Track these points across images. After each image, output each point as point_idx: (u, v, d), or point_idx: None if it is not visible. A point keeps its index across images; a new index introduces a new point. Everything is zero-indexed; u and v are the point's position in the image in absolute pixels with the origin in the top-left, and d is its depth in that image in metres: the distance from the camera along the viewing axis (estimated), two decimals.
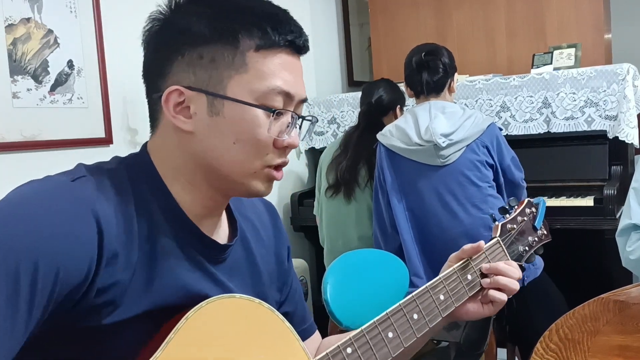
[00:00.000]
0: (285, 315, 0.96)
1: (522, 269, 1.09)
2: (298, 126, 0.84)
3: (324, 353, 0.80)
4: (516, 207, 1.16)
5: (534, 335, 2.13)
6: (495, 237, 1.09)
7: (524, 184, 2.22)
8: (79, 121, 2.30)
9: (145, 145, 0.85)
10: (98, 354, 0.74)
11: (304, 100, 0.84)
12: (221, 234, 0.88)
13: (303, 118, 0.85)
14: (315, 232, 2.84)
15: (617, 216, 2.41)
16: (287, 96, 0.80)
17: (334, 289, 1.67)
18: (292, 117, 0.82)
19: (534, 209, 1.19)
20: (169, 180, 0.81)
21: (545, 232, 1.19)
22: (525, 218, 1.16)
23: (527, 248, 1.14)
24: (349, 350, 0.82)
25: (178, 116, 0.79)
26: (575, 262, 2.73)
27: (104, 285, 0.72)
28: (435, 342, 2.35)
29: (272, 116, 0.79)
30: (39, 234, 0.67)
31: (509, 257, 1.08)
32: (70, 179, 0.75)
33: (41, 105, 2.18)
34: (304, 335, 1.02)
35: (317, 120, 0.89)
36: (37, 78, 2.16)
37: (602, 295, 1.32)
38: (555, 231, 2.43)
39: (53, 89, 2.22)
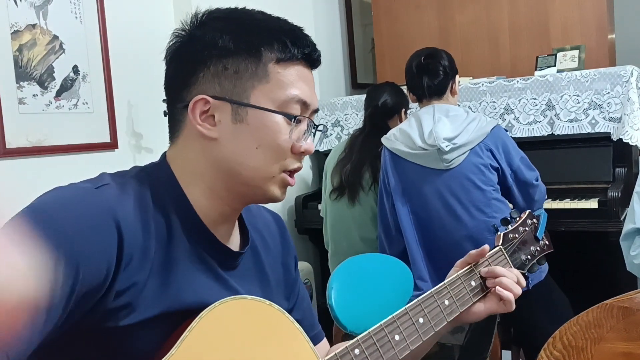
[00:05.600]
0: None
1: (526, 277, 1.13)
2: (313, 134, 0.89)
3: (332, 354, 0.83)
4: (517, 218, 1.21)
5: (539, 338, 2.13)
6: (498, 245, 1.13)
7: (539, 183, 2.20)
8: (85, 126, 2.31)
9: (164, 155, 0.89)
10: (115, 356, 0.77)
11: (317, 110, 0.90)
12: (234, 242, 0.92)
13: (316, 127, 0.90)
14: (319, 234, 2.85)
15: (622, 218, 2.41)
16: (304, 105, 0.86)
17: (338, 293, 1.68)
18: (308, 124, 0.87)
19: (535, 220, 1.23)
20: (188, 187, 0.85)
21: (547, 242, 1.24)
22: (527, 228, 1.20)
23: (529, 257, 1.18)
24: (356, 351, 0.85)
25: (203, 124, 0.83)
26: (580, 264, 2.73)
27: (122, 288, 0.75)
28: (440, 343, 2.35)
29: (293, 123, 0.84)
30: (61, 236, 0.70)
31: (511, 265, 1.12)
32: (94, 187, 0.79)
33: (47, 111, 2.20)
34: (313, 341, 1.03)
35: (327, 130, 0.92)
36: (42, 84, 2.18)
37: (605, 302, 1.32)
38: (559, 234, 2.47)
39: (59, 94, 2.23)
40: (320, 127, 0.92)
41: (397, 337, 0.90)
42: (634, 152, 2.61)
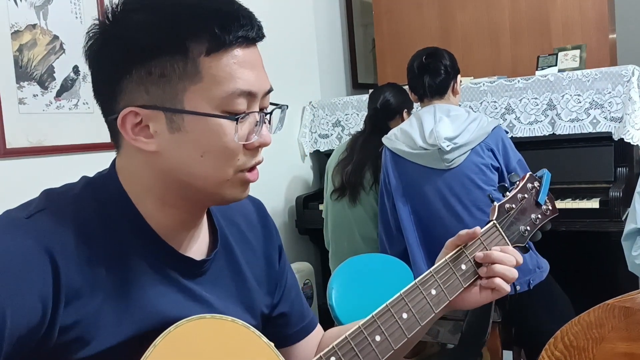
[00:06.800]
0: (282, 316, 0.97)
1: (526, 250, 1.02)
2: (267, 121, 0.79)
3: None
4: (517, 182, 1.07)
5: (540, 338, 2.12)
6: (492, 220, 1.00)
7: None
8: (85, 126, 2.31)
9: (114, 163, 0.81)
10: None
11: (270, 91, 0.79)
12: (200, 247, 0.85)
13: (271, 112, 0.80)
14: (320, 234, 2.85)
15: (623, 218, 2.41)
16: (250, 95, 0.75)
17: (338, 294, 1.68)
18: (259, 115, 0.77)
19: (536, 184, 1.08)
20: (139, 199, 0.78)
21: (550, 207, 1.09)
22: (527, 195, 1.05)
23: (529, 227, 1.04)
24: (332, 359, 0.78)
25: (138, 137, 0.75)
26: (581, 264, 2.73)
27: (67, 323, 0.69)
28: (441, 344, 2.35)
29: (237, 122, 0.74)
30: None
31: (507, 241, 1.00)
32: (25, 216, 0.72)
33: (47, 111, 2.19)
34: (305, 332, 1.00)
35: (288, 107, 0.82)
36: (43, 84, 2.18)
37: (607, 302, 1.31)
38: (560, 233, 2.46)
39: (59, 94, 2.23)
40: (279, 106, 0.81)
41: (378, 338, 0.82)
42: (636, 152, 2.61)
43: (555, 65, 2.83)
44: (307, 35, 3.45)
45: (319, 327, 1.04)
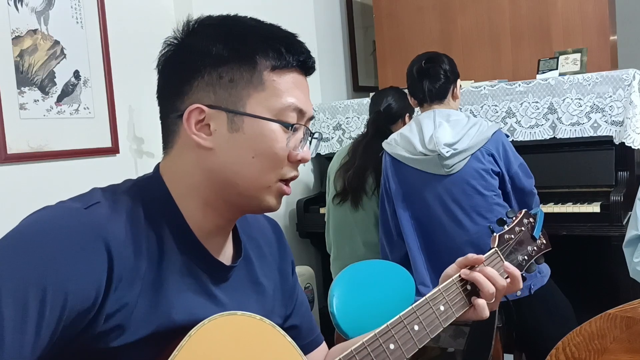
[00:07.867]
0: (293, 328, 1.02)
1: (524, 278, 1.11)
2: (309, 141, 0.88)
3: None
4: (514, 217, 1.19)
5: (541, 342, 2.13)
6: (493, 247, 1.11)
7: (535, 191, 2.20)
8: (86, 131, 2.31)
9: (157, 167, 0.88)
10: None
11: (312, 117, 0.89)
12: (226, 254, 0.91)
13: (313, 135, 0.89)
14: (321, 238, 2.84)
15: (624, 222, 2.41)
16: (300, 112, 0.85)
17: (340, 301, 1.68)
18: (304, 132, 0.86)
19: (531, 219, 1.21)
20: (182, 200, 0.84)
21: (544, 241, 1.22)
22: (523, 228, 1.18)
23: (526, 257, 1.16)
24: None
25: (199, 133, 0.82)
26: (582, 268, 2.73)
27: (112, 310, 0.74)
28: (442, 348, 2.35)
29: (290, 131, 0.84)
30: (48, 262, 0.69)
31: None
32: (83, 206, 0.77)
33: (48, 116, 2.19)
34: (312, 346, 1.05)
35: (322, 137, 0.95)
36: (43, 89, 2.18)
37: (609, 311, 1.31)
38: (561, 238, 2.46)
39: (60, 99, 2.23)
40: (316, 135, 0.91)
41: (392, 346, 0.89)
42: (637, 156, 2.61)
43: (556, 68, 2.83)
44: (307, 38, 3.42)
45: (324, 344, 1.08)
